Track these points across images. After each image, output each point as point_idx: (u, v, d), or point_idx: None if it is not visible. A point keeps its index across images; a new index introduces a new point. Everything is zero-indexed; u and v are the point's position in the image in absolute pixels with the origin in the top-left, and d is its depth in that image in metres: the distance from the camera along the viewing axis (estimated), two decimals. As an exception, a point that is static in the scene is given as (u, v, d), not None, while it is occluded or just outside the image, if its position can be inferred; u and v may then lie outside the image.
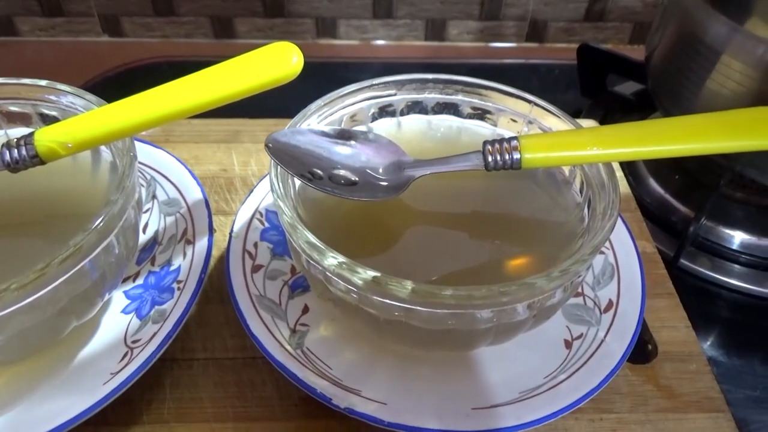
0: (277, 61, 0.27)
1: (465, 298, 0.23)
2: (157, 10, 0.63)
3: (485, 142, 0.28)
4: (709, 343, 0.40)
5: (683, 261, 0.44)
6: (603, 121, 0.55)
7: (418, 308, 0.24)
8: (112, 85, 0.59)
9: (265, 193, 0.35)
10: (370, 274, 0.24)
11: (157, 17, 0.64)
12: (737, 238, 0.45)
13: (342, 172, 0.28)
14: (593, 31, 0.68)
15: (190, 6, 0.63)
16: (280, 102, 0.38)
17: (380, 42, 0.67)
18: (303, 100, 0.31)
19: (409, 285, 0.23)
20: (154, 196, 0.34)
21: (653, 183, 0.49)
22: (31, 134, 0.27)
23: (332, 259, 0.24)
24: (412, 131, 0.35)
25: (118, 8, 0.63)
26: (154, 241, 0.33)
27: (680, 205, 0.47)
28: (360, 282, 0.24)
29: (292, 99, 0.33)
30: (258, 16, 0.65)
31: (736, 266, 0.44)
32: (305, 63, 0.27)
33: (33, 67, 0.63)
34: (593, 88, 0.57)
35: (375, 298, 0.25)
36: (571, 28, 0.67)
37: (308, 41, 0.67)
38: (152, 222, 0.34)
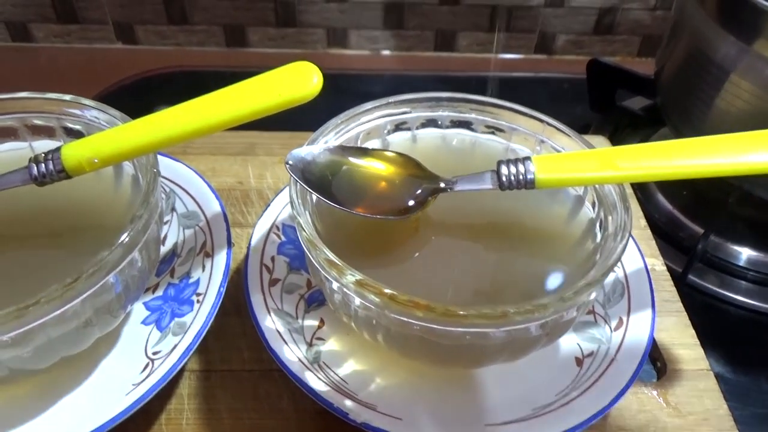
0: (297, 81, 0.27)
1: (481, 317, 0.24)
2: (171, 18, 0.64)
3: (499, 162, 0.29)
4: (716, 359, 0.41)
5: (691, 277, 0.44)
6: (612, 137, 0.55)
7: (434, 326, 0.25)
8: (128, 94, 0.59)
9: (282, 207, 0.36)
10: (388, 292, 0.24)
11: (170, 25, 0.65)
12: (744, 254, 0.46)
13: (360, 191, 0.29)
14: (602, 44, 0.68)
15: (203, 15, 0.64)
16: (293, 114, 0.38)
17: (391, 52, 0.68)
18: (315, 113, 0.32)
19: (425, 304, 0.24)
20: (173, 209, 0.35)
21: (662, 199, 0.49)
22: (58, 149, 0.28)
23: (351, 277, 0.25)
24: (426, 145, 0.35)
25: (133, 16, 0.64)
26: (173, 253, 0.34)
27: (688, 221, 0.48)
28: (377, 299, 0.25)
29: (305, 112, 0.33)
30: (270, 25, 0.65)
31: (744, 282, 0.45)
32: None
33: (47, 74, 0.64)
34: (602, 103, 0.57)
35: (392, 315, 0.25)
36: (580, 41, 0.68)
37: (319, 51, 0.67)
38: (171, 234, 0.34)
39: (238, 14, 0.64)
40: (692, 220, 0.48)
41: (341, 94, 0.63)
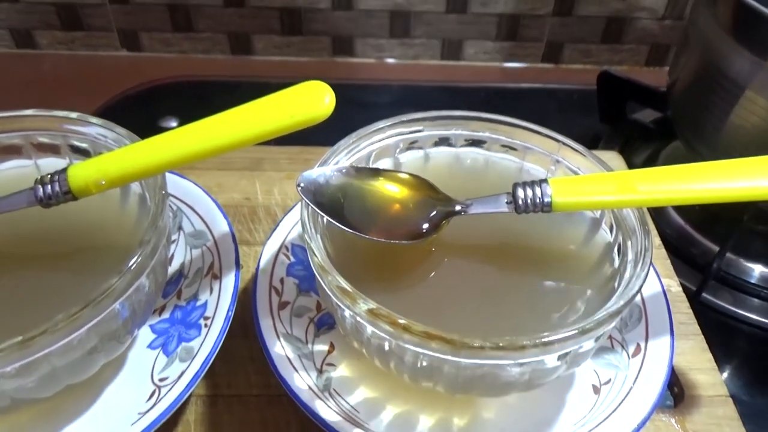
0: (308, 102, 0.27)
1: (498, 349, 0.23)
2: (176, 25, 0.64)
3: (515, 185, 0.28)
4: (731, 380, 0.40)
5: (705, 295, 0.43)
6: (623, 149, 0.55)
7: (449, 357, 0.24)
8: (133, 104, 0.59)
9: (291, 226, 0.35)
10: (402, 322, 0.24)
11: (175, 33, 0.64)
12: (757, 271, 0.45)
13: (373, 214, 0.28)
14: (610, 53, 0.68)
15: (208, 22, 0.63)
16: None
17: (397, 61, 0.67)
18: (322, 126, 0.31)
19: (440, 335, 0.23)
20: (180, 228, 0.34)
21: (674, 215, 0.48)
22: (64, 170, 0.27)
23: (363, 305, 0.24)
24: (439, 164, 0.34)
25: (137, 23, 0.63)
26: (180, 273, 0.33)
27: (702, 237, 0.47)
28: (391, 329, 0.24)
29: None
30: (275, 33, 0.65)
31: (757, 300, 0.44)
32: None
33: (51, 81, 0.64)
34: (612, 116, 0.57)
35: (405, 345, 0.25)
36: (587, 50, 0.67)
37: (325, 59, 0.67)
38: (178, 254, 0.34)
39: (244, 22, 0.64)
40: (705, 237, 0.47)
41: (347, 104, 0.63)
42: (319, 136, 0.31)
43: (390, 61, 0.67)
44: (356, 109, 0.65)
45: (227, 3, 0.62)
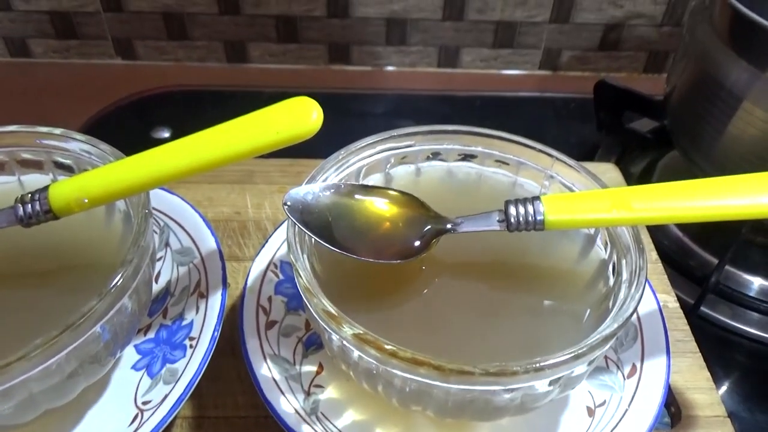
0: (295, 118, 0.26)
1: (488, 375, 0.23)
2: (171, 34, 0.63)
3: (507, 202, 0.28)
4: (730, 395, 0.39)
5: (703, 308, 0.43)
6: (620, 159, 0.54)
7: (438, 383, 0.24)
8: (125, 115, 0.58)
9: (280, 242, 0.34)
10: (389, 348, 0.23)
11: (170, 41, 0.64)
12: (756, 283, 0.45)
13: (361, 233, 0.28)
14: (607, 60, 0.67)
15: (203, 30, 0.63)
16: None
17: (393, 68, 0.67)
18: (316, 136, 0.30)
19: (427, 361, 0.23)
20: (167, 244, 0.34)
21: (673, 228, 0.48)
22: (45, 189, 0.27)
23: (349, 330, 0.24)
24: (431, 179, 0.34)
25: (132, 32, 0.63)
26: (166, 291, 0.32)
27: (701, 250, 0.46)
28: (378, 354, 0.23)
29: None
30: (271, 41, 0.64)
31: (756, 314, 0.43)
32: (316, 93, 0.26)
33: (45, 89, 0.63)
34: (609, 125, 0.56)
35: (393, 370, 0.24)
36: (585, 57, 0.67)
37: (321, 67, 0.66)
38: (165, 271, 0.33)
39: (239, 30, 0.63)
40: (704, 249, 0.46)
41: (344, 112, 0.63)
42: (314, 147, 0.30)
43: (386, 68, 0.67)
44: (352, 118, 0.64)
45: (222, 11, 0.62)
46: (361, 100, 0.63)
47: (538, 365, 0.23)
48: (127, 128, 0.57)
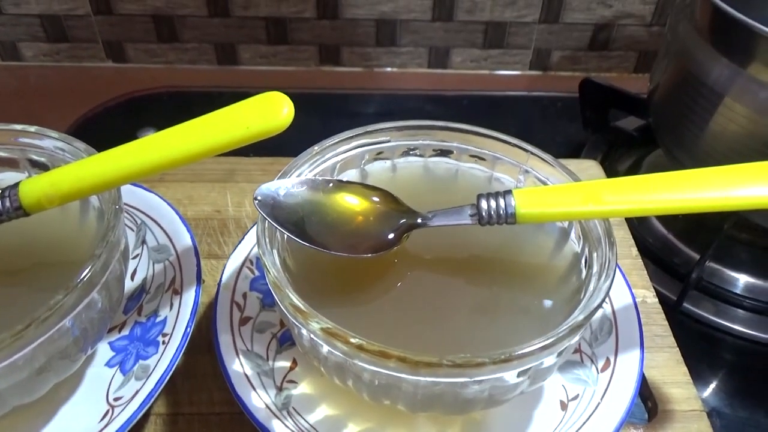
0: (266, 113, 0.26)
1: (455, 367, 0.23)
2: (161, 36, 0.64)
3: (479, 196, 0.28)
4: (711, 392, 0.39)
5: (686, 305, 0.43)
6: (606, 156, 0.54)
7: (406, 376, 0.24)
8: (112, 115, 0.59)
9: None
10: (355, 341, 0.23)
11: (160, 44, 0.64)
12: (741, 281, 0.44)
13: (333, 227, 0.28)
14: (598, 60, 0.67)
15: (193, 33, 0.63)
16: (278, 137, 0.37)
17: (383, 69, 0.67)
18: (303, 135, 0.30)
19: (395, 354, 0.23)
20: (143, 242, 0.34)
21: (656, 223, 0.48)
22: (16, 185, 0.27)
23: (316, 324, 0.24)
24: (407, 175, 0.34)
25: (122, 34, 0.63)
26: (142, 289, 0.32)
27: (683, 246, 0.46)
28: (345, 348, 0.23)
29: (292, 134, 0.32)
30: (261, 43, 0.65)
31: (740, 311, 0.43)
32: (307, 94, 0.26)
33: (36, 92, 0.64)
34: (595, 123, 0.56)
35: (361, 363, 0.24)
36: (575, 57, 0.67)
37: (311, 68, 0.66)
38: (141, 268, 0.33)
39: (229, 32, 0.64)
40: (687, 245, 0.46)
41: (334, 113, 0.63)
42: (301, 147, 0.30)
43: (377, 69, 0.67)
44: (343, 119, 0.64)
45: (212, 13, 0.62)
46: (351, 101, 0.63)
47: (505, 356, 0.23)
48: (114, 129, 0.57)
